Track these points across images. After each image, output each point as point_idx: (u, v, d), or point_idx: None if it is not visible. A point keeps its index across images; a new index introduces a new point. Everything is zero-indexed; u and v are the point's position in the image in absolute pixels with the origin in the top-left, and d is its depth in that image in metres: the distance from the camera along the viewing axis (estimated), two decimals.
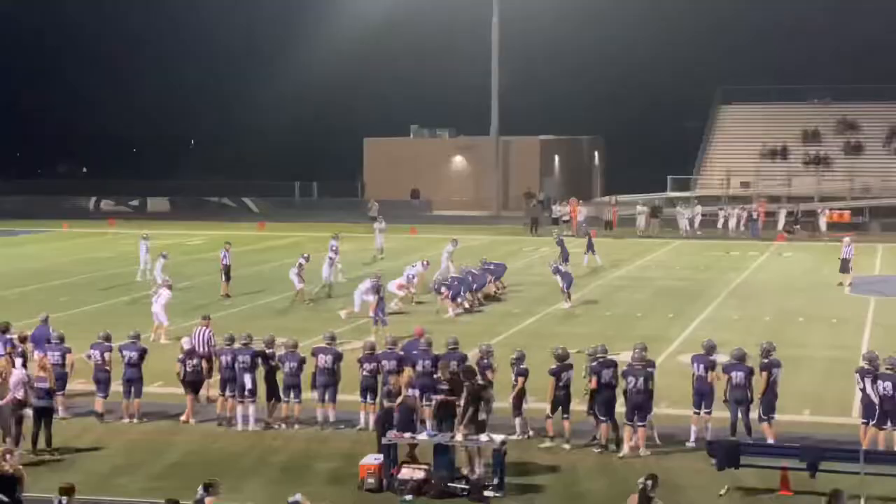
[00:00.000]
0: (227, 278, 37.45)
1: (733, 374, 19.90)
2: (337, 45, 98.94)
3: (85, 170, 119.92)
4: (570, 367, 20.48)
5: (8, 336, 22.69)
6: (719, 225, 58.06)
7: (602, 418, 20.09)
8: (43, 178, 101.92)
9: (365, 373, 21.30)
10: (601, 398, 20.08)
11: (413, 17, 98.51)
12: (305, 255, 37.47)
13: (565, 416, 20.26)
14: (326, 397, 21.51)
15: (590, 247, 45.38)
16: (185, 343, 22.23)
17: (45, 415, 19.94)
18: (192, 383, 22.09)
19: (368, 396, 21.19)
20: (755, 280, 41.85)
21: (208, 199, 77.86)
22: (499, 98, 72.57)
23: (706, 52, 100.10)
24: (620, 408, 20.14)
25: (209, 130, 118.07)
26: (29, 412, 19.81)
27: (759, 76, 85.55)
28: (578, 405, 20.45)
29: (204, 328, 23.07)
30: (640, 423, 19.83)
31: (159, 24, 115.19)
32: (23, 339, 22.71)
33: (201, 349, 22.50)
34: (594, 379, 20.12)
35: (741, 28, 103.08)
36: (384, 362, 21.15)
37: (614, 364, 20.39)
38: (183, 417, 21.89)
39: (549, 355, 20.84)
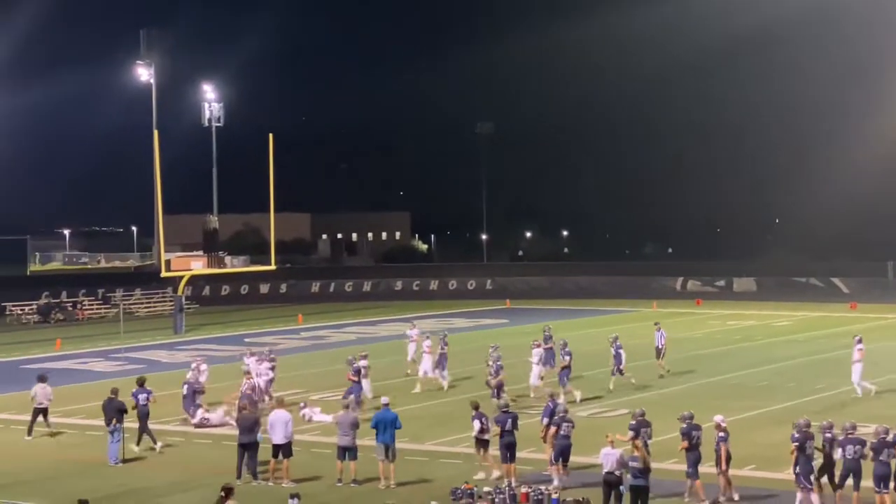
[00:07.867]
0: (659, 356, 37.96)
1: None
2: None
3: (670, 250, 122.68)
4: None
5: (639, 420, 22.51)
6: None
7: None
8: (631, 260, 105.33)
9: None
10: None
11: None
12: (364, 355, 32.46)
13: None
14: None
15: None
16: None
17: (640, 494, 20.36)
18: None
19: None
20: None
21: (795, 278, 76.32)
22: None
23: None
24: None
25: (794, 209, 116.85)
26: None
27: None
28: None
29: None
30: None
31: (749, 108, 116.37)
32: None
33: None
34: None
35: None
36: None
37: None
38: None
39: None
